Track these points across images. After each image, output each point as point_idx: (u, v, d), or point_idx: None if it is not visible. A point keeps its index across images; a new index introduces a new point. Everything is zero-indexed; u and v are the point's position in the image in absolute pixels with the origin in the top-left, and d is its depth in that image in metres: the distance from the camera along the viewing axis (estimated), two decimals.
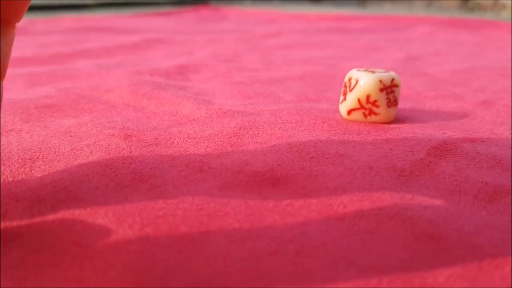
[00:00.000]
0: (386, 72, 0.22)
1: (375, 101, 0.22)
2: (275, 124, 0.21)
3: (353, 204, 0.14)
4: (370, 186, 0.15)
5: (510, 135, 0.21)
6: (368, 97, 0.22)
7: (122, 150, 0.19)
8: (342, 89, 0.23)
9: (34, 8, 0.94)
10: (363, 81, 0.22)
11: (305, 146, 0.19)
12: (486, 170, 0.17)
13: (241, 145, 0.19)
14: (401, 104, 0.27)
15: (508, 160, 0.18)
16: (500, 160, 0.18)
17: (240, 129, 0.21)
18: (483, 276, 0.11)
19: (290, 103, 0.26)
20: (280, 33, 0.62)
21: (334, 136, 0.20)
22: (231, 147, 0.19)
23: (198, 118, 0.23)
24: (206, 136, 0.20)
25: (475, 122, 0.23)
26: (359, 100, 0.22)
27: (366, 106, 0.22)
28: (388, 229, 0.13)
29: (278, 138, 0.20)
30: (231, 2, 1.14)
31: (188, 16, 0.86)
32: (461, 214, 0.14)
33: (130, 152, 0.18)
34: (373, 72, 0.22)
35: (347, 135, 0.20)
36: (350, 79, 0.22)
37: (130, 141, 0.20)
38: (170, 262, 0.12)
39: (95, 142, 0.20)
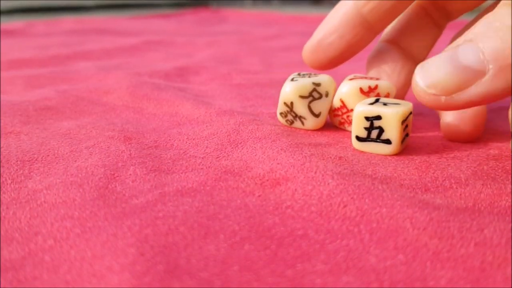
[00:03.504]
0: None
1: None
2: (274, 125, 0.21)
3: (353, 203, 0.14)
4: (371, 185, 0.15)
5: (510, 135, 0.21)
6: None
7: (121, 152, 0.19)
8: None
9: (33, 10, 0.94)
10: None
11: (304, 146, 0.19)
12: (486, 173, 0.17)
13: (241, 142, 0.19)
14: None
15: (508, 161, 0.18)
16: (501, 162, 0.18)
17: (239, 125, 0.21)
18: (485, 277, 0.11)
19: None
20: (280, 35, 0.62)
21: (333, 139, 0.20)
22: (231, 146, 0.19)
23: (197, 118, 0.23)
24: (205, 136, 0.20)
25: None
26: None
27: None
28: (389, 229, 0.13)
29: (277, 138, 0.20)
30: (231, 4, 1.14)
31: (188, 18, 0.86)
32: (462, 212, 0.14)
33: (130, 154, 0.18)
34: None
35: (346, 138, 0.20)
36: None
37: (129, 144, 0.19)
38: (169, 264, 0.11)
39: (94, 144, 0.19)
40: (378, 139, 0.18)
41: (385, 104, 0.18)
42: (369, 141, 0.18)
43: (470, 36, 0.15)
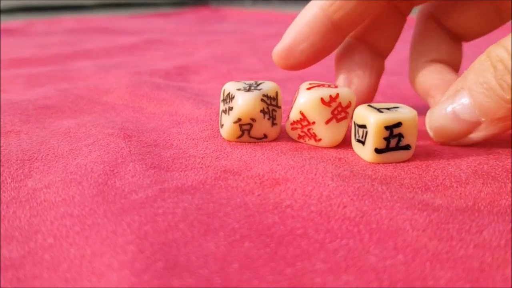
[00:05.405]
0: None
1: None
2: None
3: (353, 204, 0.14)
4: (370, 187, 0.15)
5: (510, 136, 0.21)
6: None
7: (121, 149, 0.19)
8: None
9: (33, 9, 0.94)
10: None
11: (303, 149, 0.19)
12: (486, 172, 0.17)
13: (240, 143, 0.19)
14: None
15: (508, 160, 0.18)
16: (501, 161, 0.18)
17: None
18: (484, 277, 0.11)
19: (290, 104, 0.26)
20: (280, 34, 0.62)
21: None
22: (230, 147, 0.19)
23: (197, 117, 0.23)
24: (205, 137, 0.20)
25: None
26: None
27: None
28: (388, 230, 0.13)
29: (277, 140, 0.20)
30: (231, 3, 1.14)
31: (188, 17, 0.86)
32: (462, 213, 0.14)
33: (129, 151, 0.18)
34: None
35: (345, 139, 0.20)
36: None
37: (129, 141, 0.19)
38: (169, 261, 0.11)
39: (94, 142, 0.19)
40: (397, 147, 0.17)
41: (388, 109, 0.17)
42: (387, 151, 0.17)
43: (462, 84, 0.18)
